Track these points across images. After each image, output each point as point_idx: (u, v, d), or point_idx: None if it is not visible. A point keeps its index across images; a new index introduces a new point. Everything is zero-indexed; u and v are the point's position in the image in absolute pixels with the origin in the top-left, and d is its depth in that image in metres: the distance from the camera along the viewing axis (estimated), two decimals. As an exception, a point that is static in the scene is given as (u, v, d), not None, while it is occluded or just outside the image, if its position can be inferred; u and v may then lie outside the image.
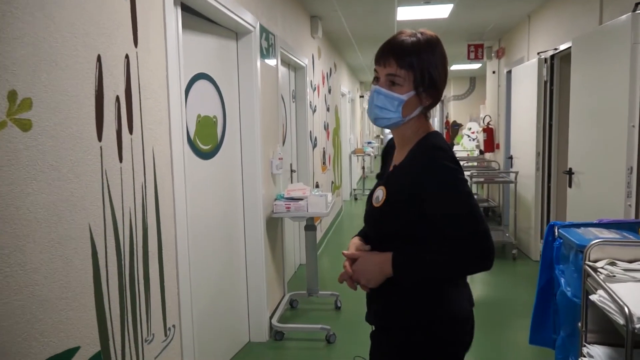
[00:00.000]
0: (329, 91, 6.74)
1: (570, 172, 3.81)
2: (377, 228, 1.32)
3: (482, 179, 5.68)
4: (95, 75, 1.50)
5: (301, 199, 3.42)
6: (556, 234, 2.19)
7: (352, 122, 10.43)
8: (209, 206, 2.80)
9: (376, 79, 1.31)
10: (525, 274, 4.75)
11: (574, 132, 3.78)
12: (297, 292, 3.97)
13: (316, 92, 5.64)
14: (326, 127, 6.43)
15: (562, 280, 2.02)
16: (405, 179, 1.26)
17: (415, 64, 1.24)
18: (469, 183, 1.54)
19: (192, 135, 2.61)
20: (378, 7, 5.02)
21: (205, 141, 2.76)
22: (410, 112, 1.28)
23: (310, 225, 3.78)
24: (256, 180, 3.23)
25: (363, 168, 11.06)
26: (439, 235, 1.21)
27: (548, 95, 4.75)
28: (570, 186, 3.85)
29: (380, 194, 1.30)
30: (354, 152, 9.84)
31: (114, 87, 1.59)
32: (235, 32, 3.12)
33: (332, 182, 7.05)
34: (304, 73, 4.95)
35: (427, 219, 1.22)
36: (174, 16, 2.17)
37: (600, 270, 1.67)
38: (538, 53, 4.85)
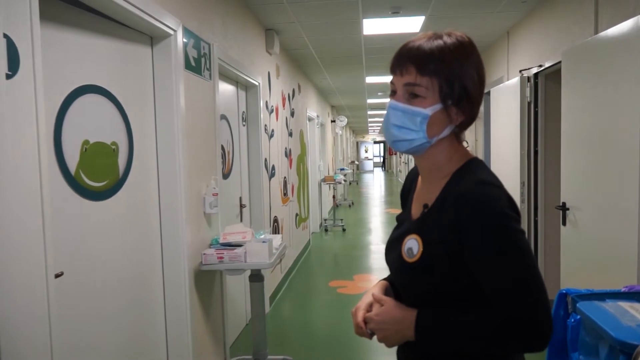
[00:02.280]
0: (292, 114, 6.12)
1: (564, 208, 3.22)
2: (410, 290, 1.04)
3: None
4: None
5: (239, 246, 2.73)
6: (570, 307, 1.55)
7: (321, 148, 9.83)
8: (104, 262, 2.09)
9: (393, 93, 1.04)
10: (512, 323, 4.10)
11: (568, 160, 3.20)
12: (241, 358, 3.23)
13: (274, 114, 5.00)
14: (288, 154, 5.78)
15: (586, 383, 1.37)
16: (445, 222, 0.97)
17: (440, 69, 0.98)
18: None
19: (72, 168, 1.91)
20: (340, 18, 4.44)
21: (98, 176, 2.07)
22: (437, 131, 1.01)
23: (256, 275, 3.07)
24: (178, 223, 2.52)
25: (334, 197, 10.40)
26: (485, 300, 0.94)
27: (532, 117, 4.20)
28: (564, 224, 3.25)
29: (414, 245, 1.02)
30: (323, 180, 9.20)
31: None
32: (149, 37, 2.46)
33: (297, 215, 6.37)
34: (256, 93, 4.31)
35: (475, 277, 0.95)
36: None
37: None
38: (520, 71, 4.32)
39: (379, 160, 37.60)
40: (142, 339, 2.36)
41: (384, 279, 1.19)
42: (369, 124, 21.49)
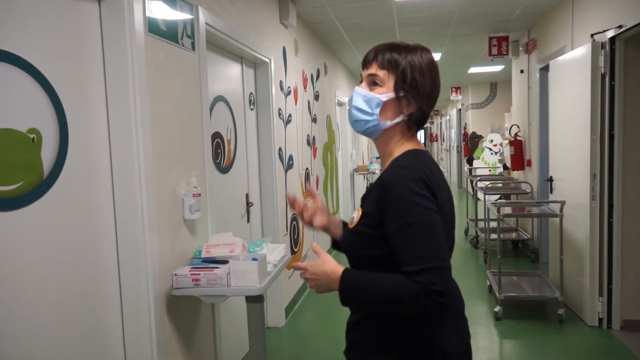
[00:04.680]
0: (316, 98, 5.44)
1: (659, 210, 2.42)
2: (349, 251, 1.25)
3: (509, 211, 4.27)
4: None
5: (224, 262, 2.10)
6: None
7: (355, 135, 9.10)
8: (18, 294, 1.50)
9: (360, 83, 1.28)
10: (579, 348, 3.32)
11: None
12: (238, 394, 2.63)
13: (291, 97, 4.34)
14: (311, 142, 5.12)
15: None
16: (373, 198, 1.18)
17: (396, 64, 1.20)
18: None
19: (-48, 167, 1.32)
20: (367, -20, 3.72)
21: (6, 176, 1.47)
22: (389, 117, 1.22)
23: (255, 295, 2.44)
24: (138, 235, 1.91)
25: (367, 188, 9.65)
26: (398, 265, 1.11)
27: (607, 93, 3.37)
28: (658, 231, 2.45)
29: (355, 214, 1.24)
30: (356, 171, 8.50)
31: None
32: (95, -12, 1.85)
33: (323, 210, 5.72)
34: (267, 71, 3.66)
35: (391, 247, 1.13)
36: None
37: None
38: (592, 35, 3.47)
39: (420, 147, 36.33)
40: (88, 390, 1.77)
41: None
42: (409, 110, 20.50)
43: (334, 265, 1.18)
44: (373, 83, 1.21)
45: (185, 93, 2.33)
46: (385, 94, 1.19)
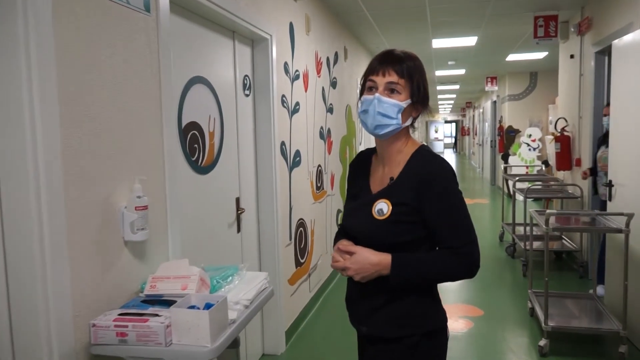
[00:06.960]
0: (333, 85, 4.79)
1: None
2: (383, 240, 1.34)
3: (559, 223, 3.53)
4: None
5: (168, 303, 1.49)
6: None
7: (379, 127, 8.40)
8: None
9: (370, 89, 1.38)
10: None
11: None
12: None
13: (300, 82, 3.71)
14: (325, 136, 4.47)
15: None
16: (409, 189, 1.31)
17: (412, 74, 1.36)
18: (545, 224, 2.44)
19: None
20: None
21: None
22: (404, 120, 1.37)
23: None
24: (36, 267, 1.32)
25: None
26: (439, 243, 1.34)
27: (697, 78, 2.62)
28: None
29: (384, 207, 1.34)
30: (380, 166, 7.81)
31: None
32: None
33: (339, 211, 5.09)
34: (267, 49, 3.04)
35: (430, 227, 1.33)
36: None
37: None
38: (677, 3, 2.72)
39: (450, 141, 35.21)
40: None
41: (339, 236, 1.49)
42: (439, 102, 19.56)
43: (378, 255, 1.32)
44: (392, 90, 1.35)
45: (131, 67, 1.72)
46: (404, 101, 1.35)
